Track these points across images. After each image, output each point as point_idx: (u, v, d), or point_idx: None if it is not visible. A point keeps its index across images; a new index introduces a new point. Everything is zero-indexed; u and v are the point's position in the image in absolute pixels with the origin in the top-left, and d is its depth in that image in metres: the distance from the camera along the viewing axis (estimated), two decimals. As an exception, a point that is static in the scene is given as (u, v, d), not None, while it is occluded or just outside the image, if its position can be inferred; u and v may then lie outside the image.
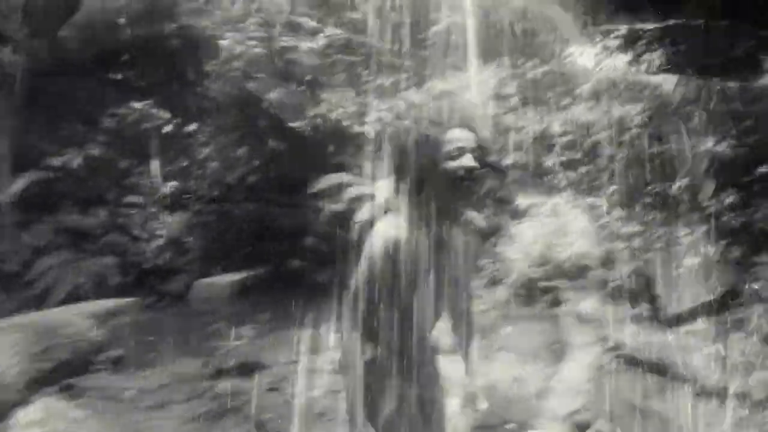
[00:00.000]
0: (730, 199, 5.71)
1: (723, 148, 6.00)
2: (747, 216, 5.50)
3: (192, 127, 9.95)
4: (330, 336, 5.59)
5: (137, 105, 9.81)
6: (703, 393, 3.71)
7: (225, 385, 4.69)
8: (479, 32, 8.73)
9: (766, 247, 5.33)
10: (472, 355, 2.13)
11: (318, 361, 5.02)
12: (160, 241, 9.31)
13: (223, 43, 9.16)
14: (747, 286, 5.06)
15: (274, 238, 9.14)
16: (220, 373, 4.94)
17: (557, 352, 4.89)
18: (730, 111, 6.36)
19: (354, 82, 9.77)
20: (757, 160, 5.78)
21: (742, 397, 3.55)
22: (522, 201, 7.68)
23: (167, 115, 9.99)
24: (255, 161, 9.52)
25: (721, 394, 3.64)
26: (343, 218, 8.17)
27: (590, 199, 7.19)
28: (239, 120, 9.57)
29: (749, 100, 6.29)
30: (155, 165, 10.13)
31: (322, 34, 9.60)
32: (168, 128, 9.93)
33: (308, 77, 9.16)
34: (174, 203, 9.88)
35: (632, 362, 4.34)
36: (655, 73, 6.86)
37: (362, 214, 7.69)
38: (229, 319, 5.97)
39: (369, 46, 10.16)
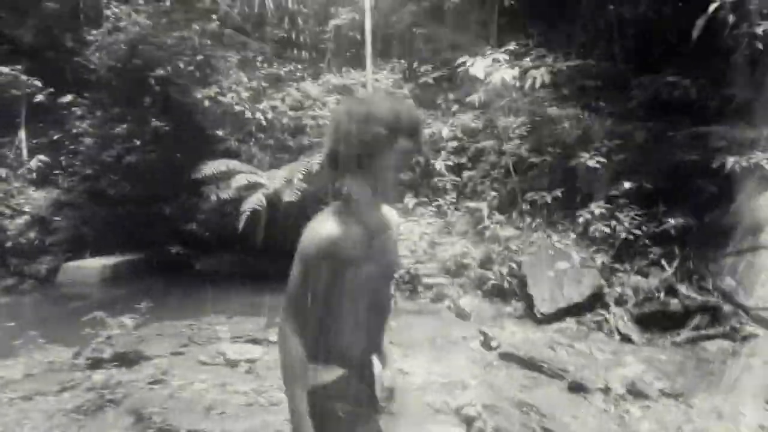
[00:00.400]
0: (597, 210, 6.26)
1: (593, 163, 6.56)
2: (612, 226, 6.05)
3: (67, 98, 9.23)
4: (217, 328, 5.49)
5: (3, 69, 8.94)
6: (571, 387, 4.07)
7: (102, 376, 4.44)
8: (377, 32, 8.87)
9: (626, 255, 5.93)
10: (387, 349, 2.14)
11: (204, 352, 4.91)
12: (24, 219, 8.58)
13: (108, 12, 8.56)
14: (609, 290, 5.60)
15: (152, 223, 8.72)
16: (96, 364, 4.67)
17: (439, 346, 5.11)
18: (603, 129, 6.96)
19: (248, 66, 9.56)
20: (623, 175, 6.39)
21: (605, 391, 3.94)
22: (410, 200, 7.95)
23: (39, 83, 9.19)
24: (135, 140, 9.03)
25: (587, 389, 4.01)
26: (230, 206, 7.98)
27: (472, 203, 7.58)
28: (121, 95, 9.02)
29: (619, 120, 6.92)
30: (22, 136, 9.31)
31: (216, 15, 9.29)
32: (39, 97, 9.15)
33: (199, 57, 8.82)
34: (42, 179, 9.13)
35: (508, 358, 4.64)
36: (537, 89, 7.33)
37: (251, 203, 7.55)
38: (106, 306, 5.62)
39: (265, 31, 9.99)
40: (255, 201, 7.42)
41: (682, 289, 5.20)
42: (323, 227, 1.75)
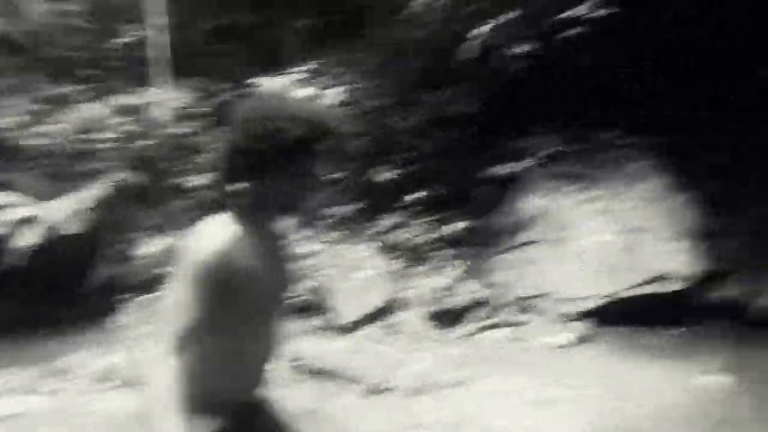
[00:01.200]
0: (394, 219, 6.58)
1: (390, 174, 6.90)
2: (404, 234, 6.39)
3: None
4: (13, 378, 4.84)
5: None
6: (368, 391, 4.18)
7: None
8: (172, 49, 8.52)
9: (421, 258, 6.29)
10: None
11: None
12: None
13: None
14: (406, 293, 5.88)
15: None
16: None
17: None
18: (396, 143, 7.36)
19: (24, 89, 8.61)
20: (416, 185, 6.80)
21: (395, 389, 4.10)
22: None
23: None
24: None
25: (381, 390, 4.14)
26: (6, 244, 7.09)
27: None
28: None
29: (410, 134, 7.36)
30: None
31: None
32: None
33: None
34: None
35: (309, 371, 4.65)
36: (336, 107, 7.54)
37: (25, 239, 6.78)
38: None
39: (45, 50, 9.11)
40: (31, 236, 6.68)
41: (468, 285, 5.63)
42: (216, 237, 1.49)
